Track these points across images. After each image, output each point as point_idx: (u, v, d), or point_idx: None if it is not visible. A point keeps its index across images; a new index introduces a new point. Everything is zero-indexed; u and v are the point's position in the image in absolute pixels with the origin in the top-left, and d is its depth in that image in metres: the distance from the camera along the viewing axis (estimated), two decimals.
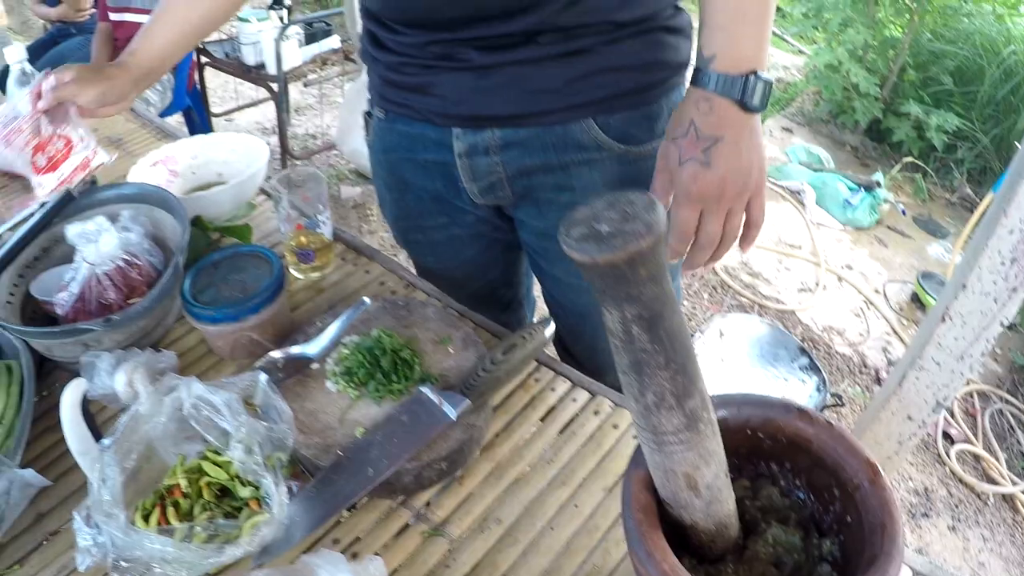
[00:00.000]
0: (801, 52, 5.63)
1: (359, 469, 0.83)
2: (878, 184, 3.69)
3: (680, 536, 0.65)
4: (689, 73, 0.95)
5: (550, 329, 1.00)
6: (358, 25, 3.73)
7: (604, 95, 1.00)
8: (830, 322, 3.09)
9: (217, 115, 3.89)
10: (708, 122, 0.84)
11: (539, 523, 0.86)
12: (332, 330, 1.00)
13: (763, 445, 0.70)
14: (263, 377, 0.87)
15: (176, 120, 3.38)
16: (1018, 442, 2.64)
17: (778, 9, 6.03)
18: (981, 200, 3.58)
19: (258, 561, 0.77)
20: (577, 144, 1.03)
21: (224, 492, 0.83)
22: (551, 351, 1.16)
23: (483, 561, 0.82)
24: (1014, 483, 2.48)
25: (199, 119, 3.46)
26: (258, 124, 4.32)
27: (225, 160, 1.47)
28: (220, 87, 4.54)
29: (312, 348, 0.99)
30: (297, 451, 0.87)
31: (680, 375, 0.53)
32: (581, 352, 1.30)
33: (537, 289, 1.42)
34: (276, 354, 0.97)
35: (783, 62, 5.56)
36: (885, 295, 3.25)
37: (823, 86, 4.38)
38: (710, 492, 0.60)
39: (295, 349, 0.98)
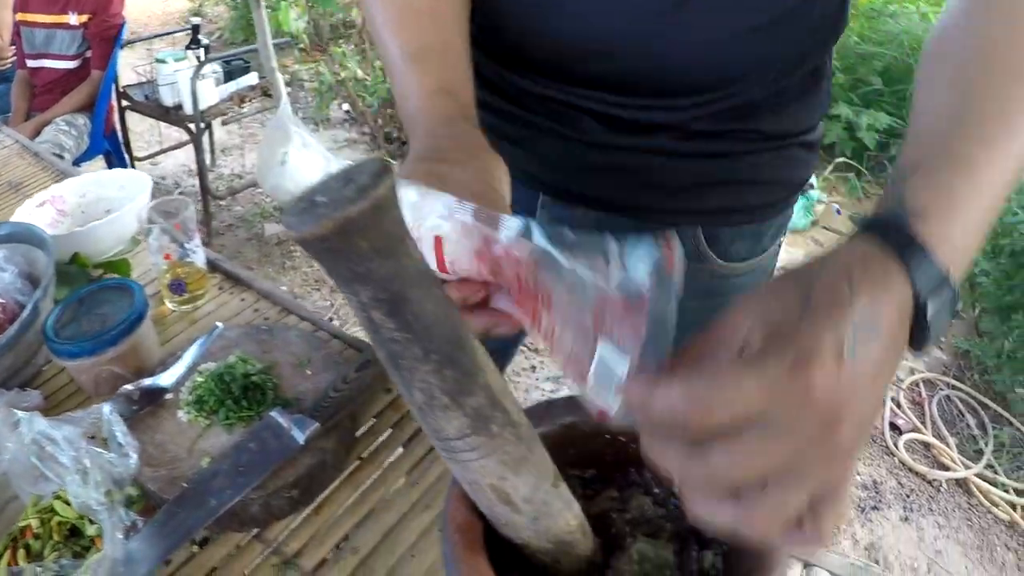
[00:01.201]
0: None
1: (202, 500, 0.78)
2: (811, 186, 3.69)
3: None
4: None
5: None
6: (272, 60, 3.67)
7: (723, 206, 0.88)
8: None
9: (141, 159, 3.82)
10: (872, 303, 0.42)
11: (399, 550, 0.80)
12: (187, 359, 0.95)
13: (628, 450, 0.63)
14: (107, 409, 0.83)
15: (99, 166, 3.31)
16: (968, 426, 2.62)
17: None
18: None
19: None
20: None
21: (77, 532, 0.79)
22: None
23: None
24: (966, 467, 2.46)
25: (118, 164, 3.41)
26: (183, 166, 4.25)
27: (115, 197, 1.45)
28: (146, 131, 4.48)
29: (166, 379, 0.94)
30: (144, 485, 0.82)
31: (448, 368, 0.44)
32: None
33: None
34: (130, 387, 0.93)
35: None
36: None
37: None
38: (531, 506, 0.52)
39: (148, 381, 0.94)
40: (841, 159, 4.04)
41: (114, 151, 3.39)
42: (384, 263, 0.40)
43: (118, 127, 3.48)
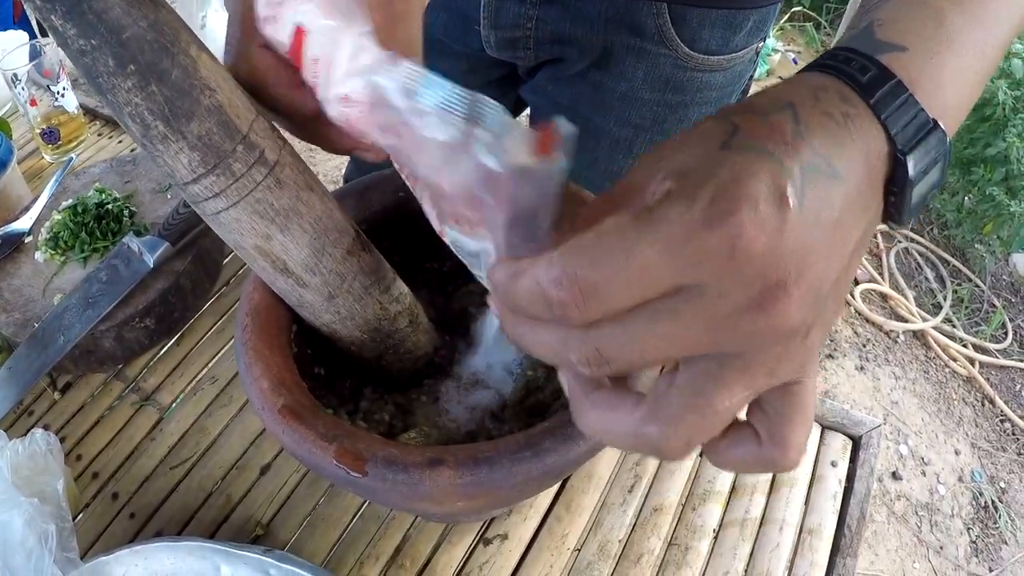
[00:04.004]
0: None
1: (51, 339, 0.70)
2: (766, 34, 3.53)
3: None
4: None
5: None
6: None
7: None
8: None
9: None
10: (830, 143, 0.30)
11: None
12: (43, 198, 0.87)
13: None
14: None
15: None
16: (926, 279, 2.57)
17: None
18: None
19: None
20: (635, 28, 0.80)
21: None
22: None
23: (192, 428, 0.70)
24: (924, 319, 2.40)
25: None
26: None
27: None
28: None
29: (24, 222, 0.86)
30: (1, 332, 0.76)
31: (154, 84, 0.35)
32: None
33: None
34: None
35: None
36: None
37: None
38: (319, 278, 0.44)
39: (6, 228, 0.86)
40: (798, 8, 3.86)
41: (30, 36, 3.20)
42: None
43: (29, 12, 3.28)
